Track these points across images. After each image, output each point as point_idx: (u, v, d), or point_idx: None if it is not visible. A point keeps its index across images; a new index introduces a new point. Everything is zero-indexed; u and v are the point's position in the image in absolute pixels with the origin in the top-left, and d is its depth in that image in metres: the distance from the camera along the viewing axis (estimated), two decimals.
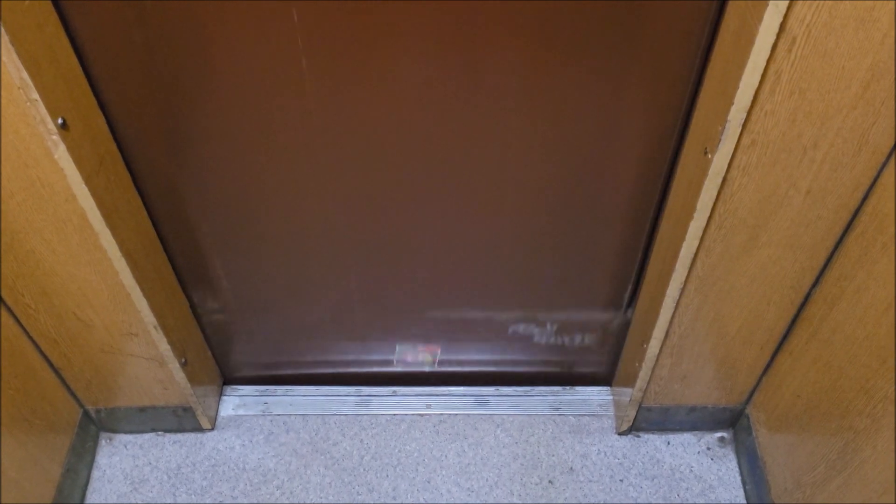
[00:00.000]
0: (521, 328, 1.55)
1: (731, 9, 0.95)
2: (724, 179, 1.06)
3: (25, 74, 0.91)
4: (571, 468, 1.58)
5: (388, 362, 1.65)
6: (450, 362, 1.64)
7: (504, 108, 1.10)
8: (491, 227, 1.31)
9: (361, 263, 1.39)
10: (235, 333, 1.58)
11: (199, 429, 1.64)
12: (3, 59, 0.90)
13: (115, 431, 1.65)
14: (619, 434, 1.63)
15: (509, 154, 1.18)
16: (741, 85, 0.93)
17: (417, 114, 1.11)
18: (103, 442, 1.64)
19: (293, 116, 1.11)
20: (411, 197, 1.25)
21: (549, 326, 1.54)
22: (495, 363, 1.65)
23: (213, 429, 1.65)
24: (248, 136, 1.15)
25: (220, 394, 1.71)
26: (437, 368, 1.66)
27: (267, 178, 1.21)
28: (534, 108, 1.10)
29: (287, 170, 1.20)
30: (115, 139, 1.14)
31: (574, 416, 1.66)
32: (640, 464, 1.59)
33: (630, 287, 1.44)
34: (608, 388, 1.70)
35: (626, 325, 1.52)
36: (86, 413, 1.59)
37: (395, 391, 1.70)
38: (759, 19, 0.86)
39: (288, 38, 1.01)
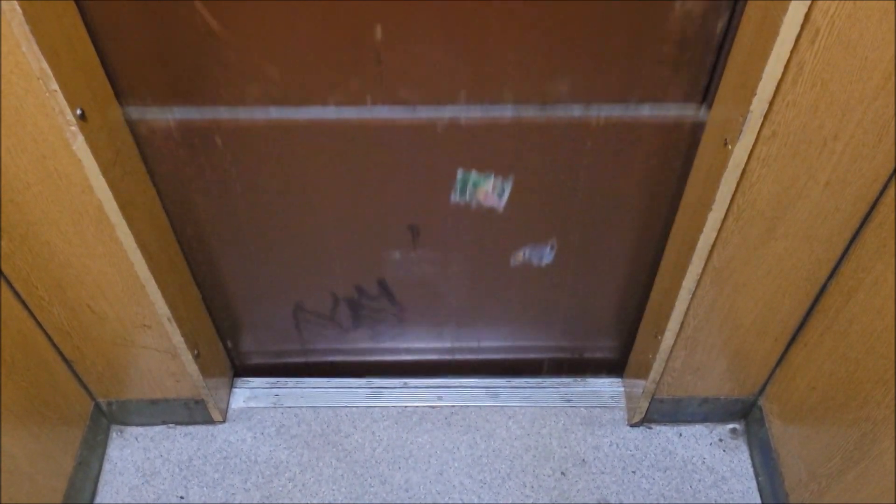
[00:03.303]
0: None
1: (752, 2, 0.94)
2: (744, 171, 1.05)
3: (45, 64, 0.91)
4: (584, 460, 1.58)
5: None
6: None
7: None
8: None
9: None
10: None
11: (210, 421, 1.64)
12: (24, 49, 0.89)
13: (126, 424, 1.65)
14: (631, 426, 1.63)
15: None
16: (764, 76, 0.93)
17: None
18: (114, 435, 1.64)
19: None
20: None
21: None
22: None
23: (224, 421, 1.65)
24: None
25: (231, 386, 1.71)
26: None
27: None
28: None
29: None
30: (131, 131, 1.13)
31: (586, 407, 1.66)
32: (653, 455, 1.59)
33: (643, 278, 1.44)
34: (619, 379, 1.70)
35: (639, 318, 1.52)
36: (97, 406, 1.59)
37: (406, 383, 1.70)
38: (784, 11, 0.86)
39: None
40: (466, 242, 1.36)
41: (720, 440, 1.62)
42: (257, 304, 1.51)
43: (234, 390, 1.71)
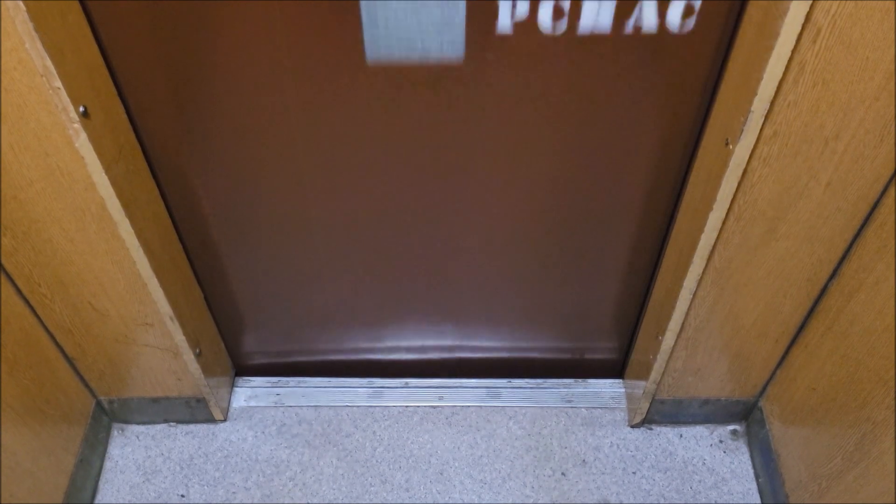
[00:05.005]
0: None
1: (753, 1, 0.94)
2: (745, 171, 1.06)
3: (49, 62, 0.91)
4: (584, 460, 1.58)
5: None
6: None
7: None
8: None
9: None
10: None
11: (211, 420, 1.64)
12: (27, 46, 0.90)
13: (127, 422, 1.65)
14: (632, 427, 1.63)
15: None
16: (765, 76, 0.93)
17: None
18: (115, 433, 1.64)
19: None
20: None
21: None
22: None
23: (225, 420, 1.65)
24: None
25: (233, 385, 1.71)
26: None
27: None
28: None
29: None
30: (133, 128, 1.14)
31: (586, 408, 1.66)
32: (653, 456, 1.59)
33: (645, 279, 1.44)
34: (620, 380, 1.70)
35: (639, 319, 1.52)
36: (98, 403, 1.59)
37: (406, 383, 1.70)
38: (785, 11, 0.86)
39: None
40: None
41: (721, 441, 1.62)
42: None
43: (236, 389, 1.71)
